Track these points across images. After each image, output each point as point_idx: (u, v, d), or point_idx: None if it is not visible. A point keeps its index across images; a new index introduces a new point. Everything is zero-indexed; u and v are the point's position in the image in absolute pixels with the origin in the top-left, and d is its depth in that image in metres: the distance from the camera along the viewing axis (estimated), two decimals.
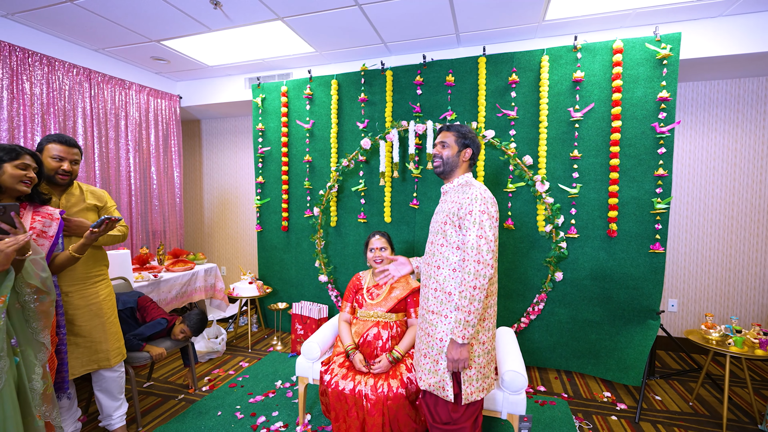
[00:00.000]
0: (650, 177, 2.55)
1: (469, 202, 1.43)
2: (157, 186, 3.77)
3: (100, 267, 1.95)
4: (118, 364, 1.96)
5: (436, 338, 1.48)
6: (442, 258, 1.51)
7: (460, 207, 1.44)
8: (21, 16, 2.61)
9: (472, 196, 1.44)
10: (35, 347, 1.40)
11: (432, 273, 1.55)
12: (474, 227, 1.39)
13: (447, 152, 1.59)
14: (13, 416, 1.22)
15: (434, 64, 3.00)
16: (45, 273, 1.43)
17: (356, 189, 3.23)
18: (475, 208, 1.41)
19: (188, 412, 2.31)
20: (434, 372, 1.48)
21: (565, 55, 2.69)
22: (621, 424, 2.23)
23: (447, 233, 1.50)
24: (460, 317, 1.36)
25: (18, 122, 2.68)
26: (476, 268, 1.36)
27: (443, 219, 1.53)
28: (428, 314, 1.53)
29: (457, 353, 1.39)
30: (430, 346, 1.50)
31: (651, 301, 2.59)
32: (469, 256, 1.37)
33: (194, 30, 2.84)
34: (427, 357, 1.51)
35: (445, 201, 1.58)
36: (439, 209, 1.61)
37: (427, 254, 1.62)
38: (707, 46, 2.59)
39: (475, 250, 1.37)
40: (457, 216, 1.45)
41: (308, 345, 2.14)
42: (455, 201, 1.49)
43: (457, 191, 1.52)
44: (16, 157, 1.48)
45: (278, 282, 3.65)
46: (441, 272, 1.50)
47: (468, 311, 1.35)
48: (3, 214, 1.23)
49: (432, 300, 1.52)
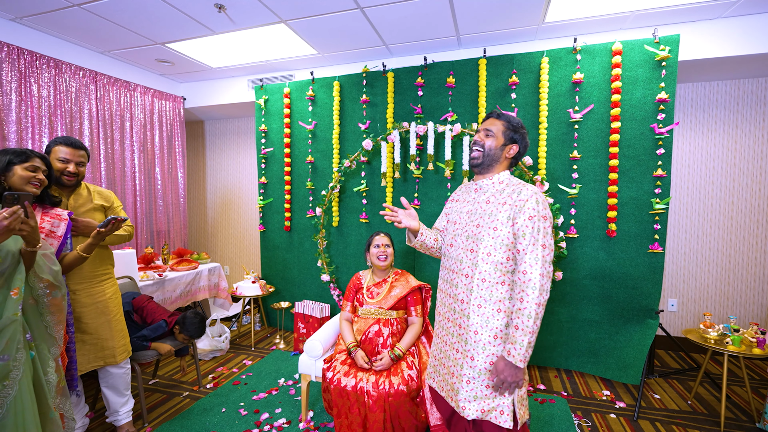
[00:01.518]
0: (649, 177, 2.57)
1: (527, 205, 1.24)
2: (162, 186, 3.81)
3: (106, 266, 1.99)
4: (123, 361, 2.01)
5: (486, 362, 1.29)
6: (471, 265, 1.33)
7: (513, 211, 1.26)
8: (29, 19, 2.66)
9: (530, 198, 1.25)
10: (48, 341, 1.45)
11: (459, 281, 1.36)
12: (538, 236, 1.22)
13: (490, 142, 1.37)
14: (30, 407, 1.26)
15: (435, 65, 3.04)
16: (56, 267, 1.48)
17: (358, 189, 3.26)
18: (535, 213, 1.23)
19: (193, 409, 2.36)
20: (489, 396, 1.29)
21: (565, 57, 2.72)
22: (620, 422, 2.26)
23: (481, 237, 1.30)
24: (523, 339, 1.19)
25: (26, 124, 2.73)
26: (541, 283, 1.19)
27: (475, 221, 1.34)
28: (468, 334, 1.32)
29: (513, 376, 1.22)
30: (477, 372, 1.30)
31: (650, 301, 2.61)
32: (532, 269, 1.20)
33: (199, 33, 2.88)
34: (471, 383, 1.31)
35: (480, 200, 1.38)
36: (470, 209, 1.41)
37: (449, 258, 1.45)
38: (706, 48, 2.61)
39: (540, 262, 1.20)
40: (508, 220, 1.26)
41: (311, 343, 2.18)
42: (502, 202, 1.30)
43: (503, 191, 1.33)
44: (25, 159, 1.53)
45: (281, 281, 3.69)
46: (471, 281, 1.31)
47: (531, 331, 1.19)
48: (17, 202, 1.27)
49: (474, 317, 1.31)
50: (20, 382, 1.23)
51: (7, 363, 1.20)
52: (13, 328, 1.23)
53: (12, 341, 1.23)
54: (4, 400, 1.19)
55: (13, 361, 1.22)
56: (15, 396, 1.21)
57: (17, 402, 1.22)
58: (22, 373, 1.24)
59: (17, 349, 1.24)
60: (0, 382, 1.18)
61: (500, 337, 1.29)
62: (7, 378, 1.20)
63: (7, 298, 1.24)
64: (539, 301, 1.19)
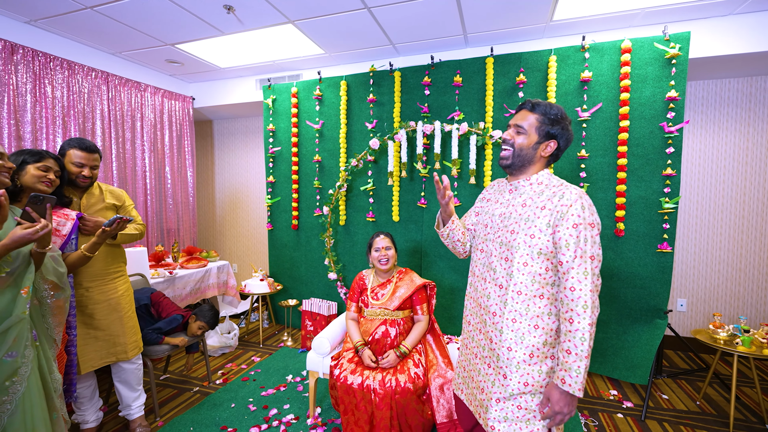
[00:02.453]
0: (658, 176, 2.55)
1: (570, 211, 1.10)
2: (171, 185, 3.87)
3: (118, 264, 2.03)
4: (135, 357, 2.05)
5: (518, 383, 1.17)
6: (506, 276, 1.19)
7: (554, 217, 1.12)
8: (43, 22, 2.71)
9: (574, 203, 1.10)
10: (49, 342, 1.48)
11: (491, 291, 1.24)
12: (585, 246, 1.08)
13: (521, 140, 1.21)
14: (38, 404, 1.29)
15: (442, 64, 3.04)
16: (62, 269, 1.51)
17: (365, 188, 3.28)
18: (581, 221, 1.09)
19: (203, 404, 2.40)
20: (522, 419, 1.17)
21: (573, 55, 2.70)
22: (627, 422, 2.25)
23: (517, 245, 1.17)
24: (579, 365, 1.04)
25: (41, 124, 2.79)
26: (592, 299, 1.06)
27: (510, 226, 1.20)
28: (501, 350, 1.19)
29: (568, 406, 1.09)
30: (509, 393, 1.17)
31: (658, 301, 2.60)
32: (581, 285, 1.06)
33: (208, 34, 2.91)
34: (502, 402, 1.18)
35: (515, 203, 1.24)
36: (503, 212, 1.26)
37: (479, 265, 1.31)
38: (717, 45, 2.58)
39: (589, 276, 1.06)
40: (548, 227, 1.13)
41: (319, 340, 2.20)
42: (540, 206, 1.16)
43: (542, 193, 1.19)
44: (39, 159, 1.57)
45: (288, 279, 3.72)
46: (506, 293, 1.19)
47: (586, 355, 1.04)
48: (39, 203, 1.30)
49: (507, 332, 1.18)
50: (29, 379, 1.26)
51: (15, 359, 1.23)
52: (21, 326, 1.26)
53: (20, 338, 1.25)
54: (14, 396, 1.21)
55: (22, 358, 1.25)
56: (24, 393, 1.24)
57: (26, 399, 1.25)
58: (30, 371, 1.27)
59: (25, 347, 1.26)
60: (9, 378, 1.21)
61: (537, 356, 1.15)
62: (16, 374, 1.23)
63: (17, 296, 1.27)
64: (591, 320, 1.05)
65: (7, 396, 1.21)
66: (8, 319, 1.23)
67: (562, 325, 1.10)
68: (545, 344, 1.16)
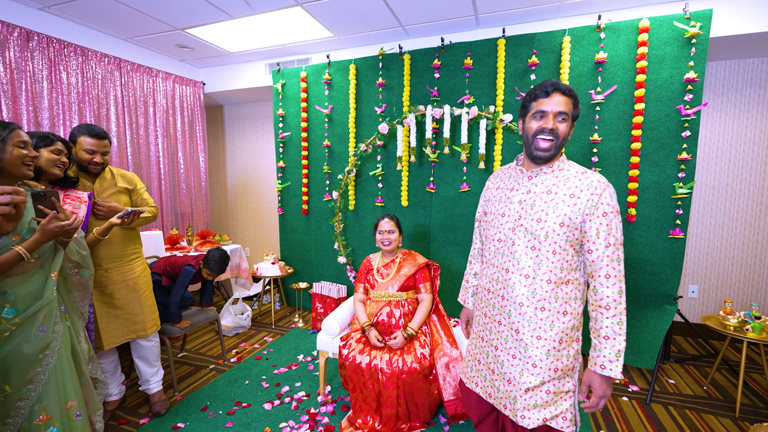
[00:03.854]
0: (673, 161, 2.49)
1: (601, 200, 1.11)
2: (184, 170, 3.94)
3: (134, 246, 2.11)
4: (153, 334, 2.15)
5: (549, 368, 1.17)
6: (534, 265, 1.18)
7: (586, 206, 1.12)
8: (56, 8, 2.74)
9: (603, 192, 1.12)
10: (77, 314, 1.58)
11: (516, 281, 1.21)
12: (617, 234, 1.11)
13: (564, 128, 1.17)
14: (69, 374, 1.39)
15: (452, 47, 2.98)
16: (85, 251, 1.59)
17: (374, 173, 3.29)
18: (610, 210, 1.11)
19: (219, 381, 2.51)
20: (551, 403, 1.19)
21: (588, 36, 2.62)
22: (632, 404, 2.28)
23: (544, 234, 1.16)
24: (619, 348, 1.09)
25: (57, 110, 2.86)
26: (620, 286, 1.10)
27: (536, 214, 1.18)
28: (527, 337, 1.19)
29: (610, 388, 1.14)
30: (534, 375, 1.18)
31: (669, 287, 2.58)
32: (615, 272, 1.10)
33: (217, 18, 2.91)
34: (532, 391, 1.19)
35: (537, 190, 1.21)
36: (523, 199, 1.23)
37: (497, 254, 1.28)
38: (740, 23, 2.46)
39: (620, 263, 1.11)
40: (577, 215, 1.13)
41: (328, 321, 2.27)
42: (569, 194, 1.15)
43: (567, 180, 1.17)
44: (50, 143, 1.62)
45: (299, 263, 3.80)
46: (533, 282, 1.18)
47: (624, 338, 1.10)
48: (44, 199, 1.34)
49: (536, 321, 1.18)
50: (59, 352, 1.35)
51: (46, 334, 1.32)
52: (50, 305, 1.35)
53: (50, 316, 1.34)
54: (46, 367, 1.31)
55: (52, 333, 1.34)
56: (55, 364, 1.33)
57: (57, 370, 1.34)
58: (60, 344, 1.36)
59: (55, 323, 1.36)
60: (42, 351, 1.30)
61: (565, 341, 1.18)
62: (48, 348, 1.32)
63: (48, 279, 1.35)
64: (624, 303, 1.10)
65: (41, 367, 1.30)
66: (39, 301, 1.32)
67: (597, 312, 1.12)
68: (573, 329, 1.19)
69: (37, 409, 1.28)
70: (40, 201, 1.34)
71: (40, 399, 1.29)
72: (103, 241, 1.91)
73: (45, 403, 1.29)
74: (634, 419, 2.14)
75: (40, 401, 1.29)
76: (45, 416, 1.29)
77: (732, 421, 2.12)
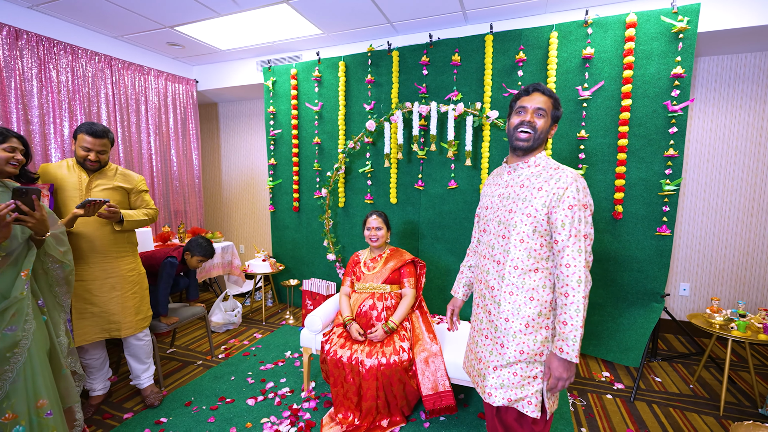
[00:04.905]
0: (660, 158, 2.47)
1: (566, 194, 1.17)
2: (177, 168, 3.96)
3: (123, 245, 2.06)
4: (144, 334, 2.16)
5: (514, 350, 1.26)
6: (503, 252, 1.28)
7: (551, 198, 1.19)
8: (45, 6, 2.76)
9: (569, 185, 1.18)
10: (58, 308, 1.59)
11: (490, 267, 1.33)
12: (580, 226, 1.16)
13: (542, 123, 1.26)
14: (41, 372, 1.39)
15: (441, 43, 2.97)
16: (63, 247, 1.59)
17: (363, 171, 3.29)
18: (576, 203, 1.17)
19: (205, 376, 2.53)
20: (516, 386, 1.27)
21: (575, 31, 2.60)
22: (615, 402, 2.27)
23: (514, 223, 1.24)
24: (575, 334, 1.14)
25: (47, 109, 2.88)
26: (585, 275, 1.15)
27: (508, 206, 1.28)
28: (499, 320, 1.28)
29: (567, 372, 1.19)
30: (506, 360, 1.27)
31: (656, 284, 2.56)
32: (576, 262, 1.15)
33: (204, 15, 2.91)
34: (499, 370, 1.29)
35: (513, 184, 1.31)
36: (506, 193, 1.32)
37: (482, 244, 1.39)
38: (729, 18, 2.43)
39: (583, 254, 1.15)
40: (543, 207, 1.20)
41: (311, 318, 2.28)
42: (537, 187, 1.22)
43: (539, 175, 1.25)
44: (4, 140, 1.54)
45: (290, 260, 3.81)
46: (503, 268, 1.27)
47: (581, 325, 1.14)
48: (24, 196, 1.35)
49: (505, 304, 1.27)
50: (30, 350, 1.35)
51: (15, 333, 1.32)
52: (20, 303, 1.35)
53: (19, 315, 1.34)
54: (15, 365, 1.31)
55: (22, 332, 1.34)
56: (25, 362, 1.33)
57: (27, 367, 1.34)
58: (31, 342, 1.36)
59: (25, 321, 1.35)
60: (10, 350, 1.31)
61: (532, 326, 1.24)
62: (17, 346, 1.32)
63: (17, 278, 1.35)
64: (585, 293, 1.14)
65: (9, 365, 1.31)
66: (6, 301, 1.31)
67: (559, 299, 1.19)
68: (540, 315, 1.25)
69: (4, 407, 1.28)
70: (19, 197, 1.35)
71: (8, 397, 1.29)
72: (84, 235, 1.91)
73: (12, 401, 1.30)
74: (617, 417, 2.14)
75: (7, 399, 1.29)
76: (11, 414, 1.29)
77: (716, 420, 2.11)
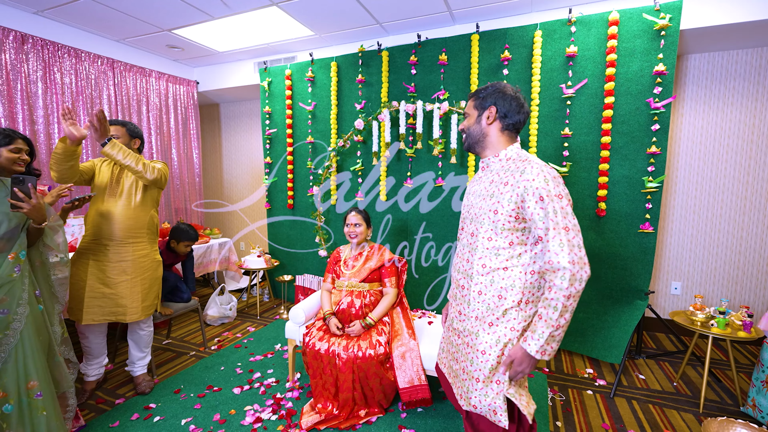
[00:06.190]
0: (643, 155, 2.47)
1: (533, 185, 1.10)
2: (178, 167, 4.09)
3: (139, 230, 2.13)
4: (147, 324, 2.28)
5: (477, 350, 1.21)
6: (471, 250, 1.24)
7: (517, 192, 1.13)
8: (49, 12, 2.90)
9: (536, 177, 1.10)
10: (53, 299, 1.69)
11: (461, 265, 1.29)
12: (556, 218, 1.07)
13: (465, 122, 1.32)
14: (33, 355, 1.47)
15: (428, 43, 3.01)
16: (60, 238, 1.69)
17: (354, 168, 3.36)
18: (545, 194, 1.09)
19: (196, 367, 2.63)
20: (479, 391, 1.21)
21: (559, 30, 2.62)
22: (595, 398, 2.29)
23: (482, 221, 1.21)
24: (544, 330, 1.07)
25: (52, 110, 3.02)
26: (572, 272, 1.05)
27: (478, 203, 1.26)
28: (469, 320, 1.25)
29: (522, 365, 1.13)
30: (470, 360, 1.24)
31: (640, 282, 2.56)
32: (558, 257, 1.05)
33: (199, 18, 3.02)
34: (466, 372, 1.25)
35: (485, 180, 1.28)
36: (478, 189, 1.29)
37: (464, 246, 1.31)
38: (714, 14, 2.42)
39: (566, 247, 1.06)
40: (509, 203, 1.14)
41: (295, 311, 2.35)
42: (504, 182, 1.18)
43: (507, 169, 1.20)
44: (10, 142, 1.60)
45: (285, 256, 3.90)
46: (471, 267, 1.23)
47: (555, 325, 1.06)
48: (22, 184, 1.44)
49: (474, 304, 1.23)
50: (22, 333, 1.44)
51: (7, 316, 1.41)
52: (11, 286, 1.44)
53: (11, 297, 1.43)
54: (6, 347, 1.40)
55: (14, 314, 1.43)
56: (16, 344, 1.42)
57: (18, 350, 1.43)
58: (23, 326, 1.45)
59: (18, 304, 1.44)
60: (2, 331, 1.40)
61: (496, 325, 1.20)
62: (8, 328, 1.41)
63: (5, 260, 1.44)
64: (569, 292, 1.05)
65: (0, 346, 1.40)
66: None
67: (543, 292, 1.13)
68: (505, 314, 1.19)
69: None
70: (18, 185, 1.45)
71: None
72: (107, 216, 2.05)
73: (3, 380, 1.39)
74: (594, 412, 2.15)
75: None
76: (1, 393, 1.38)
77: (695, 417, 2.11)
